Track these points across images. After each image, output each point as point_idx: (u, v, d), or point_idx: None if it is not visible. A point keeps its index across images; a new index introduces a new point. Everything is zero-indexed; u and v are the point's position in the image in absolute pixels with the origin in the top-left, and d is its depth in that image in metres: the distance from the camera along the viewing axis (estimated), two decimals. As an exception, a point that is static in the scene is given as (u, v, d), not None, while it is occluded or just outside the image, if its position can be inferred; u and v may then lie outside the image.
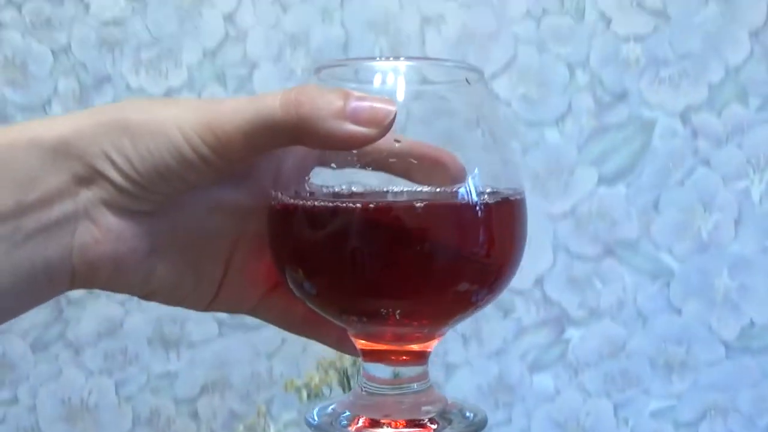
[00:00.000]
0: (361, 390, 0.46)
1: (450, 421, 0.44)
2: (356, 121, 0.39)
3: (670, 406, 1.26)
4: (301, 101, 0.39)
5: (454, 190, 0.43)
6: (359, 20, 1.23)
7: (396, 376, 0.46)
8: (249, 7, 1.24)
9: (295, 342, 1.21)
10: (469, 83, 0.45)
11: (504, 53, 1.23)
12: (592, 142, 1.23)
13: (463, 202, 0.42)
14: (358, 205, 0.41)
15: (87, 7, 1.24)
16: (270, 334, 1.24)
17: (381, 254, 0.41)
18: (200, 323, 1.26)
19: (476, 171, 0.43)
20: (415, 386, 0.46)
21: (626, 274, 1.24)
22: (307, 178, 0.45)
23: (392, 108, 0.39)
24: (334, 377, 1.09)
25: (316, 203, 0.42)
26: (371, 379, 0.46)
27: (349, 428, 0.43)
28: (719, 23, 1.22)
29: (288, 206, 0.43)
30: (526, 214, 0.47)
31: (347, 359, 1.12)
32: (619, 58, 1.23)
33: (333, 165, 0.44)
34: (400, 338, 0.45)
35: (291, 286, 0.45)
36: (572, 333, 1.25)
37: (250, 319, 1.27)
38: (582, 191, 1.23)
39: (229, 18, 1.24)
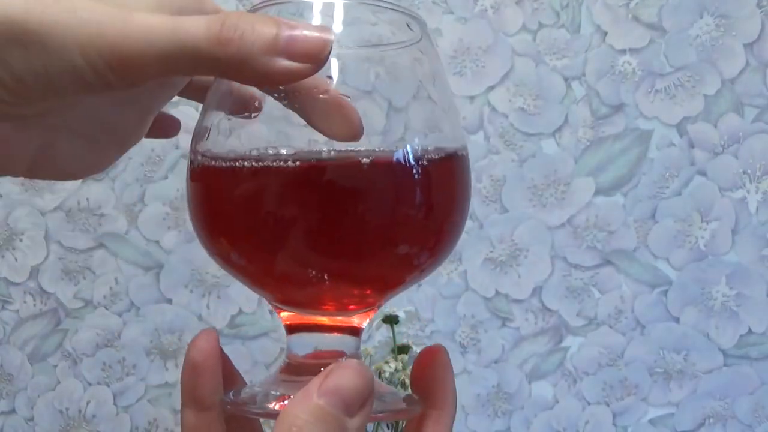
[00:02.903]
0: (282, 372, 0.43)
1: (383, 401, 0.41)
2: (291, 56, 0.35)
3: (669, 414, 1.26)
4: (230, 38, 0.34)
5: (394, 146, 0.39)
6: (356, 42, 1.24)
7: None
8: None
9: (294, 352, 1.21)
10: (411, 29, 0.42)
11: (501, 66, 1.24)
12: (589, 153, 1.24)
13: (404, 158, 0.39)
14: (290, 163, 0.38)
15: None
16: (269, 343, 1.24)
17: (317, 216, 0.38)
18: (199, 333, 1.26)
19: (418, 126, 0.41)
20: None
21: (624, 283, 1.25)
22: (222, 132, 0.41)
23: (328, 37, 0.35)
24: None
25: (243, 164, 0.38)
26: (297, 357, 0.43)
27: (269, 405, 0.41)
28: (714, 35, 1.23)
29: (211, 170, 0.40)
30: (469, 172, 0.44)
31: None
32: (615, 71, 1.24)
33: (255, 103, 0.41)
34: (341, 308, 0.42)
35: (215, 256, 0.42)
36: (571, 341, 1.26)
37: (248, 329, 1.27)
38: (579, 201, 1.24)
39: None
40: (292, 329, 0.43)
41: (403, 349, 1.19)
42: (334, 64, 0.40)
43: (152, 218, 1.24)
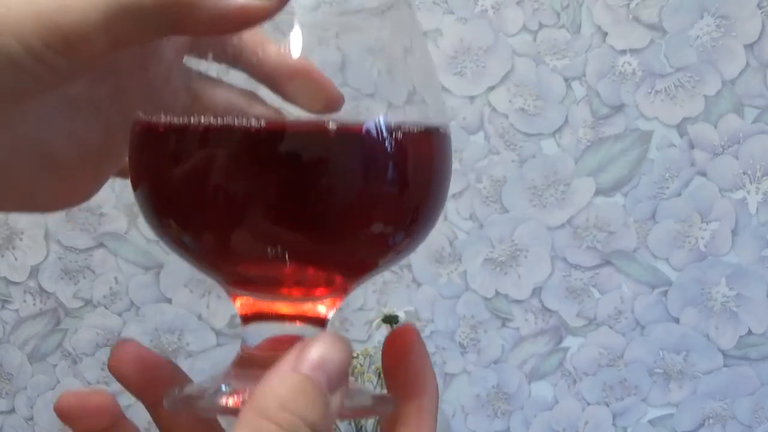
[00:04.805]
0: (234, 366, 0.38)
1: (351, 397, 0.36)
2: None
3: (669, 414, 1.26)
4: None
5: (369, 116, 0.35)
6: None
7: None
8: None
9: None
10: None
11: (501, 66, 1.24)
12: (590, 154, 1.24)
13: (378, 127, 0.34)
14: (247, 123, 0.33)
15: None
16: (268, 343, 1.24)
17: (277, 187, 0.33)
18: (198, 333, 1.26)
19: (394, 96, 0.37)
20: None
21: (624, 283, 1.25)
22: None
23: None
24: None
25: (189, 121, 0.33)
26: (251, 348, 0.37)
27: (220, 401, 0.35)
28: (715, 36, 1.23)
29: (155, 127, 0.34)
30: (450, 153, 0.39)
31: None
32: (616, 71, 1.24)
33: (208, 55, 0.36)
34: (304, 293, 0.37)
35: (157, 229, 0.37)
36: (570, 342, 1.26)
37: (248, 329, 1.27)
38: (579, 202, 1.24)
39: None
40: (247, 319, 0.38)
41: (402, 349, 1.20)
42: (296, 33, 0.36)
43: (152, 218, 1.24)
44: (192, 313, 1.25)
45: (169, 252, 1.23)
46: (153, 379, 0.39)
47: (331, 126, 0.34)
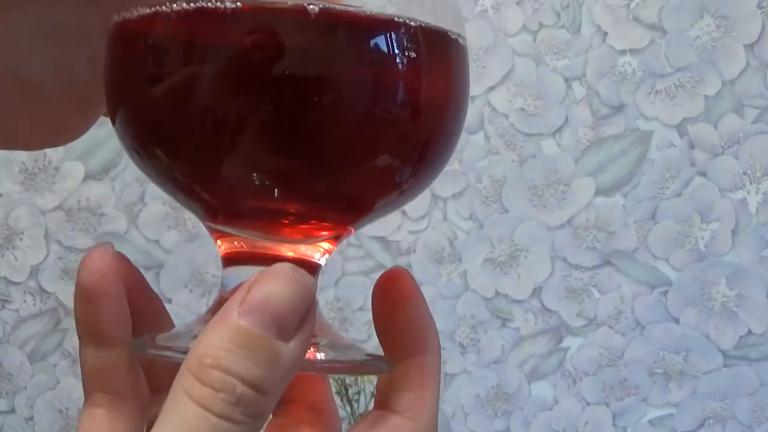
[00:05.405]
0: (209, 312, 0.33)
1: (344, 352, 0.33)
2: None
3: (669, 414, 1.26)
4: None
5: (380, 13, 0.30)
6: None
7: None
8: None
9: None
10: None
11: (501, 66, 1.24)
12: (590, 154, 1.24)
13: (388, 38, 0.30)
14: (234, 2, 0.28)
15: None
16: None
17: (266, 109, 0.29)
18: (199, 333, 1.26)
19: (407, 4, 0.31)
20: None
21: (624, 283, 1.25)
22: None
23: None
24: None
25: (162, 8, 0.29)
26: (227, 293, 0.33)
27: (187, 345, 0.30)
28: (715, 36, 1.23)
29: (129, 25, 0.30)
30: (467, 69, 0.33)
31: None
32: (616, 71, 1.24)
33: None
34: (294, 233, 0.32)
35: (134, 155, 0.33)
36: (570, 342, 1.26)
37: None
38: (579, 202, 1.24)
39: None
40: (230, 260, 0.33)
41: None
42: None
43: (152, 218, 1.24)
44: (192, 313, 1.25)
45: (169, 252, 1.22)
46: (130, 302, 0.34)
47: (333, 22, 0.29)
